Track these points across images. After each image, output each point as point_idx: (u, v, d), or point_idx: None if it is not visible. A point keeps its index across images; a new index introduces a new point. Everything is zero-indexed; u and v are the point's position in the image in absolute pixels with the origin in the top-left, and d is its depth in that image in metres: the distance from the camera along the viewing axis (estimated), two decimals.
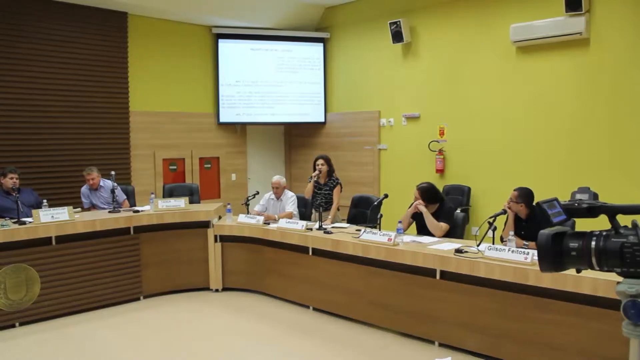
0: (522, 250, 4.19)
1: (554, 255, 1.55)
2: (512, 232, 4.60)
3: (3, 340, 5.04)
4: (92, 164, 7.15)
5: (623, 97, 6.39)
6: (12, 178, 6.10)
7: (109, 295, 5.93)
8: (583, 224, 1.81)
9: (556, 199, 1.64)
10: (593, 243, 1.50)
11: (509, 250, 4.23)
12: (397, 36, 8.31)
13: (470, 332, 4.43)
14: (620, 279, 1.50)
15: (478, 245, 4.53)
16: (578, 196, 1.66)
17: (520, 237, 4.77)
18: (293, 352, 4.73)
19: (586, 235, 1.53)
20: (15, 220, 5.57)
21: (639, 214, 1.49)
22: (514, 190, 5.00)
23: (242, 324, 5.47)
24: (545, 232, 1.56)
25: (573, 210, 1.60)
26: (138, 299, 6.16)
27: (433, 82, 8.20)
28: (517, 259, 4.12)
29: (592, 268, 1.54)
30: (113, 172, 6.58)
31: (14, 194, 5.82)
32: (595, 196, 5.54)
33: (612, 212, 1.53)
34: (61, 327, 5.37)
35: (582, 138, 6.70)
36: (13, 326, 5.31)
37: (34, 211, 5.61)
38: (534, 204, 4.92)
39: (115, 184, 6.54)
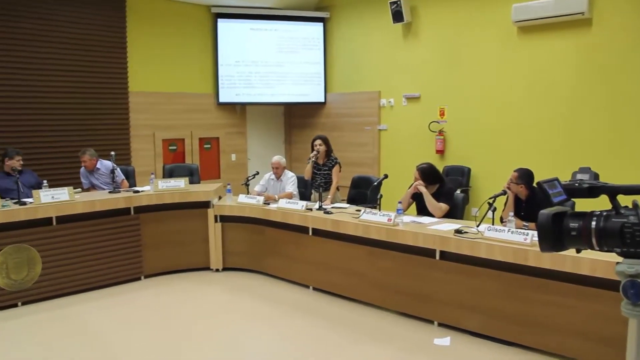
0: (522, 231, 4.20)
1: (554, 236, 1.55)
2: (511, 213, 4.60)
3: (6, 319, 5.07)
4: (91, 144, 7.17)
5: (625, 78, 6.36)
6: (18, 160, 6.14)
7: (110, 275, 5.95)
8: (583, 204, 1.81)
9: (557, 179, 1.64)
10: (593, 223, 1.50)
11: (508, 231, 4.24)
12: (397, 16, 8.25)
13: (469, 313, 4.46)
14: (620, 259, 1.50)
15: (478, 226, 4.55)
16: (579, 176, 1.65)
17: (520, 218, 4.78)
18: (293, 331, 4.76)
19: (586, 216, 1.53)
20: (16, 200, 5.58)
21: (639, 195, 1.49)
22: (514, 171, 4.99)
23: (242, 303, 5.50)
24: (545, 212, 1.55)
25: (574, 191, 1.60)
26: (139, 279, 6.19)
27: (433, 62, 8.16)
28: (517, 239, 4.13)
29: (592, 248, 1.54)
30: (113, 153, 6.57)
31: (15, 175, 5.82)
32: (596, 176, 5.54)
33: (613, 192, 1.53)
34: (63, 306, 5.40)
35: (583, 119, 6.68)
36: (15, 305, 5.34)
37: (34, 192, 5.60)
38: (534, 184, 4.92)
39: (115, 165, 6.54)
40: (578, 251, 1.61)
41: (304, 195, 6.82)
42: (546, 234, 1.55)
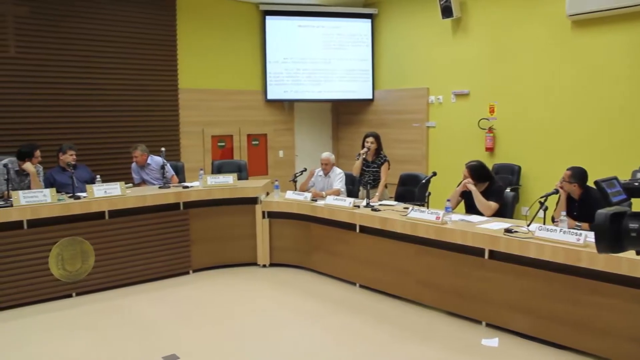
0: (575, 231, 4.09)
1: (613, 236, 1.49)
2: (564, 213, 4.49)
3: (61, 309, 5.24)
4: (142, 141, 7.31)
5: None
6: (71, 155, 6.30)
7: (159, 269, 6.08)
8: None
9: (615, 178, 1.58)
10: None
11: (560, 231, 4.14)
12: (446, 11, 8.14)
13: (519, 314, 4.37)
14: None
15: (528, 225, 4.45)
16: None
17: (573, 218, 4.66)
18: (339, 328, 4.76)
19: None
20: (71, 195, 5.75)
21: None
22: (567, 169, 4.87)
23: (288, 299, 5.53)
24: (603, 211, 1.50)
25: (634, 190, 1.54)
26: (187, 273, 6.30)
27: (483, 58, 8.02)
28: (569, 240, 4.03)
29: None
30: (163, 149, 6.70)
31: (70, 170, 6.00)
32: None
33: None
34: (114, 298, 5.55)
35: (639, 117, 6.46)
36: (70, 296, 5.52)
37: (87, 186, 5.77)
38: (587, 183, 4.79)
39: (165, 161, 6.66)
40: (638, 253, 1.55)
41: (352, 192, 6.81)
42: (604, 235, 1.50)
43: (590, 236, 3.91)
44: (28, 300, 5.29)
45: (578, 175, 4.79)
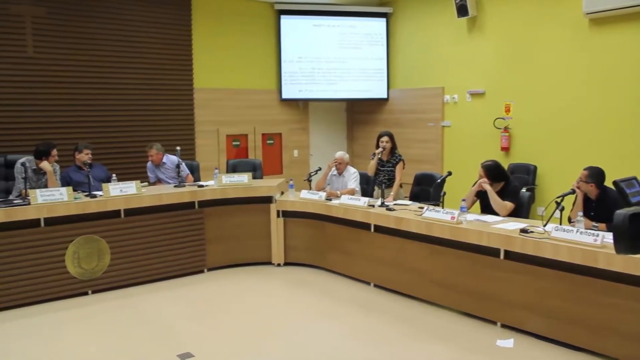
0: (592, 231, 4.05)
1: (632, 237, 1.47)
2: (580, 213, 4.44)
3: (77, 306, 5.29)
4: (157, 140, 7.36)
5: None
6: (87, 154, 6.35)
7: (174, 267, 6.10)
8: None
9: (635, 178, 1.57)
10: None
11: (577, 231, 4.09)
12: (462, 10, 8.11)
13: (534, 315, 4.34)
14: None
15: (544, 226, 4.41)
16: None
17: (590, 218, 4.62)
18: (353, 327, 4.76)
19: None
20: (87, 193, 5.80)
21: None
22: (584, 169, 4.83)
23: (303, 298, 5.53)
24: (622, 212, 1.48)
25: None
26: (202, 271, 6.32)
27: (499, 57, 7.97)
28: (586, 240, 3.98)
29: None
30: (178, 148, 6.73)
31: (86, 169, 6.05)
32: None
33: None
34: (130, 295, 5.58)
35: None
36: (86, 294, 5.57)
37: (104, 185, 5.81)
38: (605, 184, 4.74)
39: (180, 160, 6.69)
40: None
41: (366, 192, 6.80)
42: (623, 235, 1.48)
43: (608, 237, 3.87)
44: (44, 297, 5.34)
45: (595, 175, 4.75)
